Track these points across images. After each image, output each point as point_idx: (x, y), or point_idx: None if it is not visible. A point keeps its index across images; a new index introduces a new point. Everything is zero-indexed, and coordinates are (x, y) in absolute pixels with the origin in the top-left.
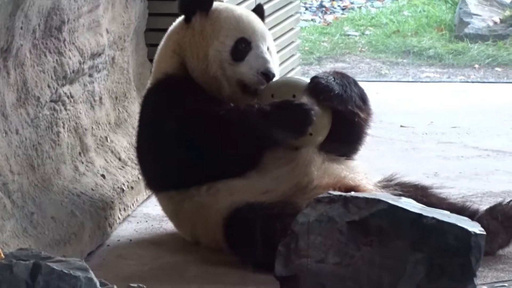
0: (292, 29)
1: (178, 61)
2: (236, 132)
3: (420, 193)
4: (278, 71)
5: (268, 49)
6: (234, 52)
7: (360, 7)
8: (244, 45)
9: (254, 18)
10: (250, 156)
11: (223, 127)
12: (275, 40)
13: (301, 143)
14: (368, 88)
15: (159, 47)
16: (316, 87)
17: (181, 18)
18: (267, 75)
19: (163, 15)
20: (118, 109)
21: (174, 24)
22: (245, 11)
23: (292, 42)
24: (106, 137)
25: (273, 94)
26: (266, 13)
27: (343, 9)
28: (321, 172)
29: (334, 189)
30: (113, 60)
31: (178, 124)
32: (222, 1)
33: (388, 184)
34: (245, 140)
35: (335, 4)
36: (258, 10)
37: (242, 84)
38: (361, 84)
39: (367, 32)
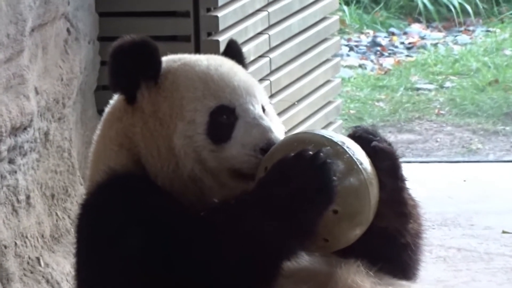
0: (328, 81)
1: (129, 157)
2: (228, 240)
3: None
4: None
5: (263, 109)
6: (212, 131)
7: (435, 44)
8: (225, 116)
9: (229, 67)
10: (254, 277)
11: (207, 235)
12: (302, 99)
13: (330, 238)
14: (452, 172)
15: (95, 139)
16: (382, 148)
17: (118, 96)
18: None
19: None
20: (56, 214)
21: (112, 104)
22: (212, 61)
23: (329, 102)
24: (38, 259)
25: (266, 166)
26: (287, 57)
27: (408, 48)
28: None
29: None
30: (46, 136)
31: (141, 238)
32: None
33: None
34: (244, 252)
35: (396, 40)
36: (232, 50)
37: (236, 172)
38: (439, 166)
39: (447, 83)
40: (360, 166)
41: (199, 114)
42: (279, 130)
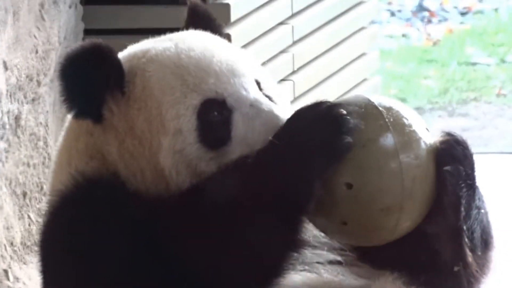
0: (363, 54)
1: (102, 167)
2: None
3: None
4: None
5: (258, 84)
6: (206, 136)
7: (496, 9)
8: (216, 113)
9: (202, 48)
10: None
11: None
12: (331, 76)
13: (348, 221)
14: None
15: (58, 147)
16: (448, 182)
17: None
18: None
19: (112, 31)
20: (29, 217)
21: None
22: (181, 43)
23: (365, 80)
24: (6, 272)
25: None
26: (313, 24)
27: (463, 14)
28: None
29: None
30: (16, 121)
31: (125, 252)
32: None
33: None
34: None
35: (448, 3)
36: (198, 15)
37: None
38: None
39: (510, 57)
40: (394, 139)
41: (185, 120)
42: (282, 105)
